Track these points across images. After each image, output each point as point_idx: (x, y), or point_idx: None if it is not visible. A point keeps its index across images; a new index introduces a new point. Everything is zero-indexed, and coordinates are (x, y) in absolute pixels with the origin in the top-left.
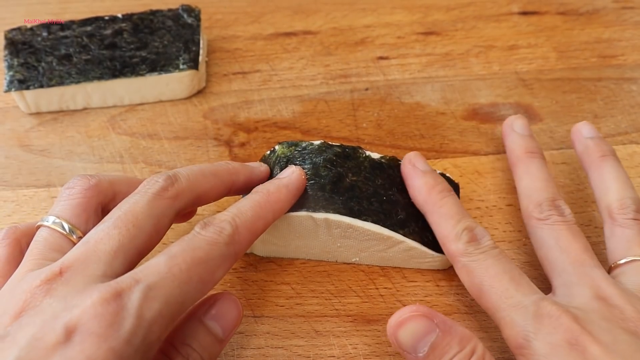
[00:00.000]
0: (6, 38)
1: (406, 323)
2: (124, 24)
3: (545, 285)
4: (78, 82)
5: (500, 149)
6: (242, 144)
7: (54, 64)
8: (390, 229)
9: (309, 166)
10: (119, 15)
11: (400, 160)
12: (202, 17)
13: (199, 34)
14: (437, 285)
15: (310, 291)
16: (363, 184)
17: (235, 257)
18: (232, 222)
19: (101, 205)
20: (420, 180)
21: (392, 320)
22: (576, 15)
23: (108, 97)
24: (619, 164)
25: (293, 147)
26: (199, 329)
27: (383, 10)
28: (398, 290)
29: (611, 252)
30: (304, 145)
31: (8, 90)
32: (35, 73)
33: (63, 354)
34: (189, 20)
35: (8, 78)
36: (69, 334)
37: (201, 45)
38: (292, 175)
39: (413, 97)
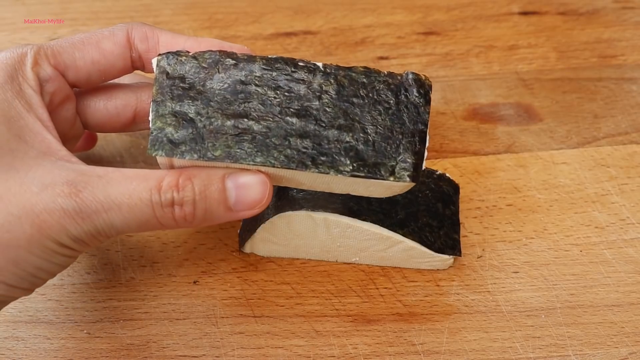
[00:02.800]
0: (158, 66)
1: None
2: (323, 82)
3: (542, 283)
4: (253, 162)
5: (500, 149)
6: None
7: (220, 122)
8: (390, 229)
9: None
10: (320, 64)
11: None
12: (202, 17)
13: (427, 124)
14: (438, 285)
15: (310, 291)
16: None
17: None
18: None
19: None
20: None
21: None
22: (576, 15)
23: (281, 182)
24: None
25: None
26: (213, 180)
27: (383, 10)
28: (398, 290)
29: None
30: None
31: (155, 153)
32: (191, 132)
33: None
34: (415, 99)
35: (154, 132)
36: None
37: (427, 146)
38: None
39: None
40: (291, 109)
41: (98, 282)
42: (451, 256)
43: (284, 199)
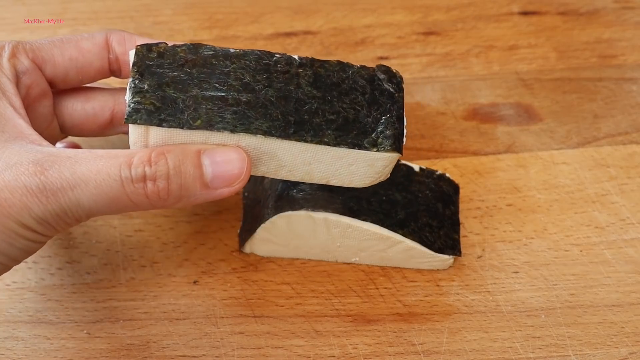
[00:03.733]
0: (136, 54)
1: None
2: (301, 70)
3: (542, 283)
4: (234, 130)
5: (500, 149)
6: None
7: (200, 98)
8: (390, 229)
9: None
10: (295, 56)
11: (400, 161)
12: (202, 17)
13: (403, 109)
14: (437, 285)
15: (310, 291)
16: None
17: None
18: None
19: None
20: None
21: None
22: (576, 15)
23: (260, 162)
24: None
25: None
26: (188, 155)
27: (383, 10)
28: (398, 290)
29: None
30: None
31: (132, 121)
32: (172, 107)
33: None
34: (388, 87)
35: (132, 105)
36: None
37: (405, 125)
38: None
39: (413, 97)
40: (271, 90)
41: (98, 282)
42: (451, 256)
43: (284, 199)
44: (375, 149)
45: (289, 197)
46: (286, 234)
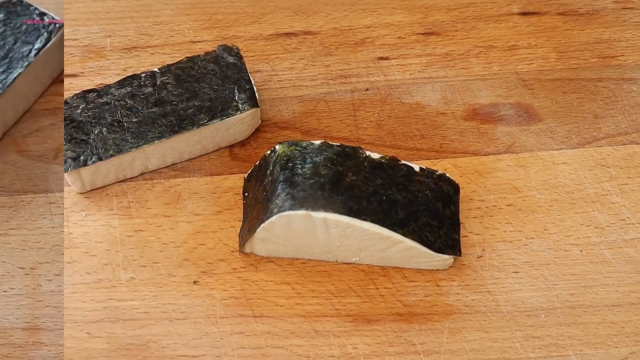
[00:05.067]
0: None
1: None
2: (164, 78)
3: (542, 283)
4: (138, 146)
5: (500, 149)
6: (243, 144)
7: (105, 132)
8: (390, 229)
9: (309, 165)
10: (156, 69)
11: (400, 161)
12: (202, 17)
13: (247, 72)
14: (437, 285)
15: (310, 291)
16: (363, 183)
17: None
18: None
19: None
20: None
21: None
22: (576, 16)
23: (167, 156)
24: None
25: (294, 147)
26: None
27: (383, 10)
28: (398, 290)
29: None
30: (304, 144)
31: (66, 171)
32: (86, 147)
33: None
34: (231, 60)
35: (65, 158)
36: None
37: (253, 83)
38: None
39: (413, 98)
40: (150, 103)
41: (98, 282)
42: (451, 256)
43: (284, 199)
44: (239, 112)
45: (288, 197)
46: (286, 234)
